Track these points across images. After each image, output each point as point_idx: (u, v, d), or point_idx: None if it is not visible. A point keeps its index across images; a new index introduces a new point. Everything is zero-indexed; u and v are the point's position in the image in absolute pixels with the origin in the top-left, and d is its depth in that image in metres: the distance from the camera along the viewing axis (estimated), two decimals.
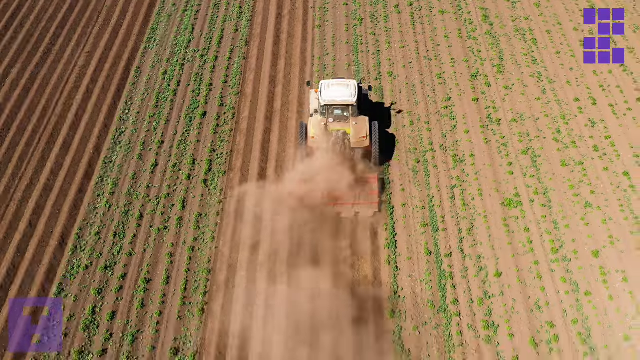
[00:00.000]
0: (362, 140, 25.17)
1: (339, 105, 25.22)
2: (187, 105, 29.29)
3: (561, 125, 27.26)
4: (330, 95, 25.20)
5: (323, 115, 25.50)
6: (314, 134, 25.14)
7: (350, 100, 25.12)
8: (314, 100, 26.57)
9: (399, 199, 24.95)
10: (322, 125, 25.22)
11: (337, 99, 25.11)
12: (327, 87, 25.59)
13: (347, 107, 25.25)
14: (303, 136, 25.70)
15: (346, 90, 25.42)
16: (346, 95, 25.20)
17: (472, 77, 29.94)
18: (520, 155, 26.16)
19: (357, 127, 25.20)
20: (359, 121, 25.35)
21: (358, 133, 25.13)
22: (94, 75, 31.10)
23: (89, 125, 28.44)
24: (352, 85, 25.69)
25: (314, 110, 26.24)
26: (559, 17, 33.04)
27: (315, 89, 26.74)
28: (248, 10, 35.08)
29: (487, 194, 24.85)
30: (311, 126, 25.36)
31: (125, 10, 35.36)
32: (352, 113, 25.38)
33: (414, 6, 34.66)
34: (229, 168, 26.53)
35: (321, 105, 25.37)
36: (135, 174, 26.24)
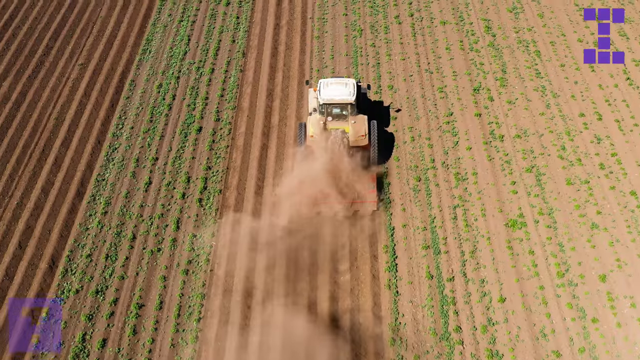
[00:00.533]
0: (361, 139, 25.11)
1: (337, 104, 25.19)
2: (182, 120, 28.57)
3: (566, 141, 26.54)
4: (329, 94, 25.19)
5: (322, 114, 25.44)
6: (313, 133, 25.08)
7: (349, 99, 25.09)
8: (313, 99, 26.51)
9: (399, 220, 24.21)
10: (321, 124, 25.19)
11: (336, 97, 25.10)
12: (326, 86, 25.59)
13: (345, 105, 25.22)
14: (302, 135, 25.59)
15: (345, 89, 25.41)
16: (345, 94, 25.18)
17: (474, 91, 29.21)
18: (524, 174, 25.43)
19: (355, 125, 25.18)
20: (358, 120, 25.34)
21: (357, 132, 25.10)
22: (87, 88, 30.36)
23: (81, 142, 27.70)
24: (351, 84, 25.69)
25: (312, 109, 26.17)
26: (563, 28, 32.32)
27: (314, 88, 26.72)
28: (245, 21, 34.35)
29: (490, 215, 24.13)
30: (310, 125, 25.30)
31: (119, 21, 34.63)
32: (351, 112, 25.35)
33: (415, 17, 33.93)
34: (225, 186, 25.80)
35: (320, 104, 25.33)
36: (129, 193, 25.52)
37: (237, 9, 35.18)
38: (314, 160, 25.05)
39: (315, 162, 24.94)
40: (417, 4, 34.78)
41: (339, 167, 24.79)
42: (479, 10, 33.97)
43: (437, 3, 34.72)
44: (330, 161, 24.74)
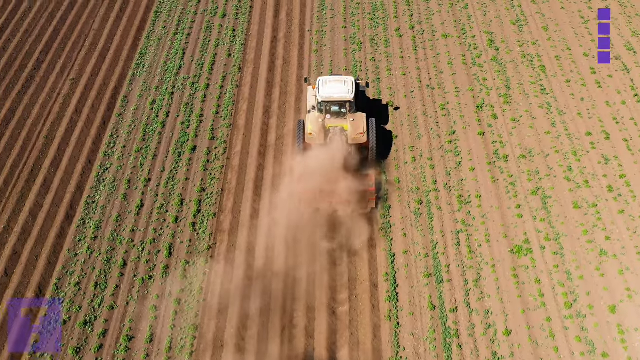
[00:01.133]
0: (360, 137, 25.01)
1: (336, 102, 25.10)
2: (176, 139, 27.65)
3: (572, 162, 25.65)
4: (328, 92, 25.11)
5: (320, 112, 25.35)
6: (312, 131, 25.00)
7: (347, 96, 25.03)
8: (312, 97, 26.41)
9: (400, 246, 23.31)
10: (319, 122, 25.10)
11: (335, 95, 25.03)
12: (325, 84, 25.48)
13: (344, 103, 25.12)
14: (301, 133, 25.47)
15: (343, 86, 25.31)
16: (344, 92, 25.10)
17: (477, 108, 28.32)
18: (529, 196, 24.53)
19: (354, 123, 25.11)
20: (357, 118, 25.28)
21: (355, 129, 25.02)
22: (79, 105, 29.46)
23: (71, 161, 26.80)
24: (350, 81, 25.61)
25: (311, 107, 26.05)
26: (568, 42, 31.43)
27: (312, 86, 26.63)
28: (242, 34, 33.44)
29: (494, 240, 23.24)
30: (309, 123, 25.21)
31: (113, 34, 33.71)
32: (350, 109, 25.24)
33: (416, 30, 33.02)
34: (220, 209, 24.90)
35: (319, 102, 25.24)
36: (120, 216, 24.61)
37: (233, 22, 34.26)
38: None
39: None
40: (418, 16, 33.88)
41: (338, 165, 24.52)
42: (481, 23, 33.06)
43: (438, 15, 33.82)
44: (329, 159, 24.55)
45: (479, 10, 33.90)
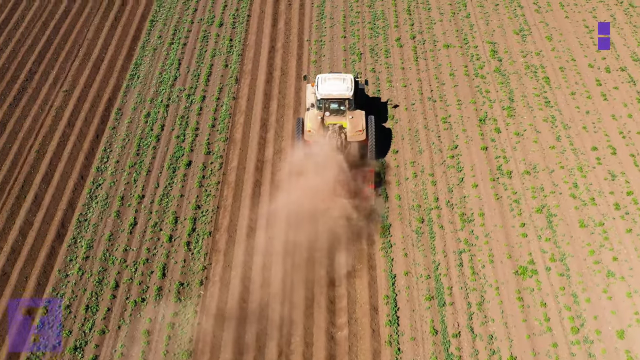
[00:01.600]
0: (359, 134, 25.08)
1: (335, 99, 25.15)
2: (170, 154, 26.93)
3: (578, 178, 24.94)
4: (327, 89, 25.17)
5: (319, 109, 25.39)
6: (311, 128, 25.06)
7: (346, 94, 25.08)
8: (311, 95, 26.48)
9: (401, 267, 22.60)
10: (318, 119, 25.17)
11: (334, 92, 25.09)
12: (324, 81, 25.54)
13: (343, 101, 25.20)
14: (300, 130, 25.48)
15: (342, 84, 25.35)
16: (342, 89, 25.15)
17: (480, 122, 27.60)
18: (534, 214, 23.82)
19: (353, 121, 25.17)
20: (356, 115, 25.33)
21: (354, 127, 25.09)
22: (71, 117, 28.74)
23: (63, 177, 26.07)
24: (349, 79, 25.66)
25: (310, 104, 26.15)
26: (573, 52, 30.71)
27: (311, 83, 26.69)
28: (239, 44, 32.71)
29: (498, 261, 22.53)
30: (308, 120, 25.30)
31: (107, 43, 32.99)
32: (349, 107, 25.30)
33: (417, 39, 32.30)
34: (215, 228, 24.18)
35: (318, 99, 25.28)
36: (112, 235, 23.89)
37: (230, 31, 33.55)
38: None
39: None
40: (419, 25, 33.17)
41: (337, 162, 24.45)
42: (484, 33, 32.35)
43: (440, 24, 33.11)
44: (328, 157, 24.53)
45: (482, 20, 33.19)
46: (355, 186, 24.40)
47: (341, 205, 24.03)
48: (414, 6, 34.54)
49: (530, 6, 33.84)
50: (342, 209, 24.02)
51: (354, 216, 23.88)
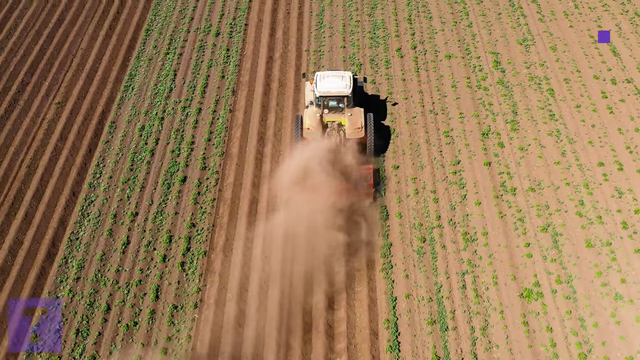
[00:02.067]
0: (357, 132, 25.11)
1: (334, 97, 25.17)
2: (165, 169, 26.21)
3: (584, 195, 24.22)
4: (326, 87, 25.19)
5: (318, 107, 25.41)
6: (309, 125, 25.08)
7: (345, 91, 25.09)
8: (310, 92, 26.49)
9: (402, 289, 21.88)
10: (317, 117, 25.18)
11: (332, 90, 25.11)
12: (323, 79, 25.57)
13: (342, 98, 25.20)
14: (299, 128, 25.51)
15: (341, 81, 25.39)
16: (341, 87, 25.18)
17: (483, 136, 26.89)
18: (539, 234, 23.11)
19: (352, 118, 25.21)
20: (354, 112, 25.34)
21: (353, 124, 25.11)
22: (64, 131, 28.02)
23: (54, 193, 25.36)
24: (347, 76, 25.69)
25: (309, 102, 26.15)
26: (578, 63, 29.99)
27: (310, 81, 26.78)
28: (236, 54, 31.98)
29: (502, 283, 21.81)
30: (306, 117, 25.33)
31: (101, 53, 32.27)
32: (347, 104, 25.33)
33: (418, 49, 31.58)
34: (210, 247, 23.46)
35: (316, 97, 25.31)
36: (104, 254, 23.18)
37: (227, 40, 32.83)
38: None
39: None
40: (420, 35, 32.45)
41: (335, 160, 24.51)
42: (486, 43, 31.63)
43: (441, 34, 32.40)
44: (327, 154, 24.54)
45: (484, 29, 32.48)
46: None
47: (340, 221, 23.45)
48: (415, 15, 33.84)
49: (533, 15, 33.13)
50: (341, 225, 23.42)
51: (353, 233, 23.29)
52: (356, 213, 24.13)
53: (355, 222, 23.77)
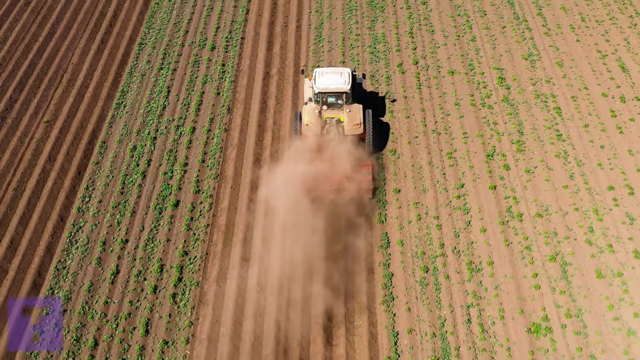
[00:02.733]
0: (356, 128, 25.15)
1: (332, 93, 25.26)
2: (157, 192, 25.20)
3: (594, 222, 23.20)
4: (324, 83, 25.27)
5: (317, 103, 25.50)
6: (308, 122, 25.15)
7: (344, 87, 25.19)
8: (308, 89, 26.52)
9: (404, 323, 20.85)
10: (316, 113, 25.25)
11: (331, 86, 25.20)
12: (321, 75, 25.66)
13: (340, 94, 25.30)
14: (297, 124, 25.64)
15: (340, 78, 25.44)
16: (340, 83, 25.26)
17: (488, 157, 25.87)
18: (547, 263, 22.09)
19: (350, 114, 25.26)
20: (353, 109, 25.40)
21: (352, 120, 25.18)
22: (52, 151, 27.00)
23: (42, 219, 24.34)
24: (346, 73, 25.73)
25: (308, 98, 26.20)
26: (585, 80, 28.96)
27: (309, 77, 26.73)
28: (232, 69, 30.96)
29: (509, 317, 20.79)
30: (305, 114, 25.38)
31: (93, 68, 31.24)
32: (346, 100, 25.41)
33: (420, 65, 30.56)
34: (203, 277, 22.45)
35: (315, 93, 25.37)
36: (92, 285, 22.17)
37: (223, 55, 31.80)
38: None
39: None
40: (422, 49, 31.43)
41: (334, 156, 24.51)
42: (490, 58, 30.60)
43: (444, 48, 31.36)
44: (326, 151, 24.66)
45: (488, 43, 31.46)
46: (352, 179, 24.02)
47: (339, 248, 22.61)
48: (417, 28, 32.82)
49: (539, 28, 32.11)
50: (340, 253, 22.55)
51: (353, 262, 22.39)
52: (356, 241, 23.18)
53: (356, 251, 22.80)
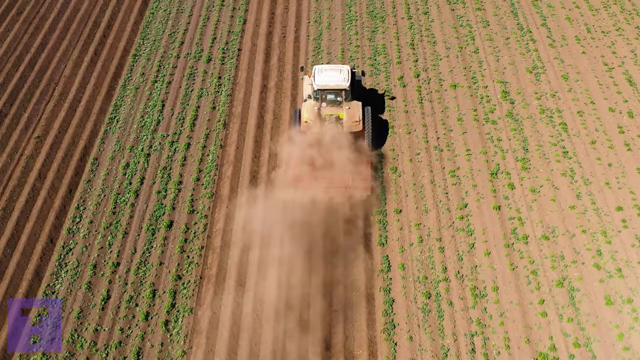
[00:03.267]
0: (355, 125, 25.20)
1: (332, 90, 25.27)
2: (150, 212, 24.38)
3: (602, 244, 22.39)
4: (324, 80, 25.31)
5: (316, 100, 25.52)
6: (307, 119, 25.14)
7: (343, 84, 25.21)
8: (308, 86, 26.43)
9: (405, 353, 20.03)
10: (315, 110, 25.25)
11: (331, 83, 25.23)
12: (321, 72, 25.69)
13: (340, 91, 25.34)
14: (297, 121, 25.66)
15: (339, 75, 25.46)
16: (339, 80, 25.27)
17: (492, 176, 25.05)
18: (554, 289, 21.27)
19: (350, 111, 25.29)
20: (352, 106, 25.45)
21: (351, 118, 25.23)
22: (43, 169, 26.17)
23: (30, 241, 23.52)
24: (345, 70, 25.74)
25: (307, 95, 26.18)
26: (592, 94, 28.14)
27: (308, 74, 26.66)
28: (228, 82, 30.12)
29: (515, 346, 19.97)
30: (304, 111, 25.39)
31: (85, 82, 30.40)
32: (345, 98, 25.45)
33: (421, 78, 29.74)
34: (197, 303, 21.62)
35: (314, 90, 25.41)
36: (82, 311, 21.33)
37: (219, 67, 30.96)
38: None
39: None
40: (423, 61, 30.60)
41: (333, 153, 24.55)
42: (494, 70, 29.77)
43: (446, 61, 30.54)
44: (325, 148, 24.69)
45: (491, 55, 30.63)
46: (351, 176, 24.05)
47: (339, 273, 21.89)
48: (418, 39, 31.99)
49: (543, 40, 31.29)
50: (340, 278, 21.81)
51: (353, 288, 21.65)
52: (356, 265, 22.40)
53: (355, 275, 22.01)
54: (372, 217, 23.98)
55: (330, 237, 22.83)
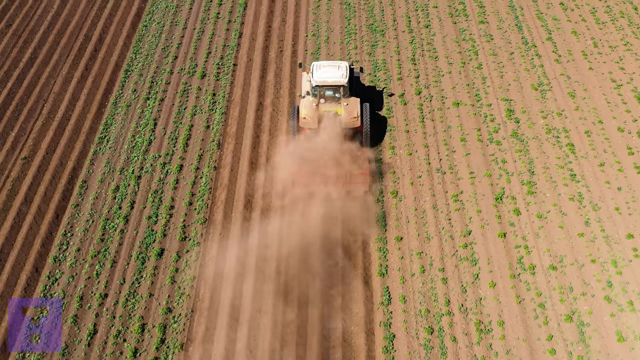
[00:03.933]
0: (353, 121, 25.18)
1: (330, 86, 25.28)
2: (140, 239, 23.37)
3: (613, 275, 21.38)
4: (322, 76, 25.34)
5: (315, 96, 25.50)
6: (306, 115, 25.11)
7: (341, 81, 25.23)
8: (306, 82, 26.55)
9: None
10: (313, 106, 25.20)
11: (329, 79, 25.25)
12: (319, 68, 25.74)
13: (338, 88, 25.34)
14: (295, 117, 25.55)
15: (337, 71, 25.56)
16: (337, 76, 25.34)
17: (496, 200, 24.04)
18: (563, 324, 20.27)
19: (348, 108, 25.26)
20: (350, 102, 25.39)
21: (349, 114, 25.19)
22: (29, 192, 25.15)
23: (15, 270, 22.49)
24: (344, 66, 25.82)
25: (305, 92, 26.28)
26: (600, 113, 27.13)
27: (307, 71, 26.71)
28: (223, 99, 29.10)
29: None
30: (303, 107, 25.35)
31: (75, 98, 29.37)
32: (344, 94, 25.42)
33: (423, 95, 28.72)
34: (188, 338, 20.61)
35: (312, 86, 25.43)
36: (67, 348, 20.32)
37: (213, 84, 29.94)
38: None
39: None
40: (425, 78, 29.58)
41: (332, 149, 24.54)
42: (498, 88, 28.75)
43: (449, 77, 29.52)
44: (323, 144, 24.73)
45: (495, 71, 29.61)
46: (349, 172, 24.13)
47: (336, 306, 20.92)
48: (419, 54, 30.97)
49: (549, 55, 30.27)
50: (337, 311, 20.82)
51: (351, 321, 20.68)
52: (355, 297, 21.42)
53: (354, 308, 21.02)
54: (372, 245, 22.98)
55: (328, 268, 21.81)
